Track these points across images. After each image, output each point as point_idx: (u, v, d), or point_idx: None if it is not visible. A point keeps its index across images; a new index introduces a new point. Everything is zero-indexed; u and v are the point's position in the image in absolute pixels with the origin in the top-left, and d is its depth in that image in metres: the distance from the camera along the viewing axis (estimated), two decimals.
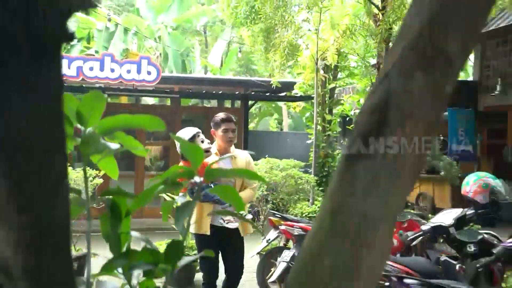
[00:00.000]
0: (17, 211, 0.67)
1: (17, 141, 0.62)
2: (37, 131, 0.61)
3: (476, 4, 0.97)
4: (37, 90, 0.55)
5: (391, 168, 0.96)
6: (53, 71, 0.56)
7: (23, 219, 0.70)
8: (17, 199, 0.67)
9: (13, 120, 0.57)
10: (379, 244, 0.95)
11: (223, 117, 3.82)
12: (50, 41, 0.51)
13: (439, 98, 0.98)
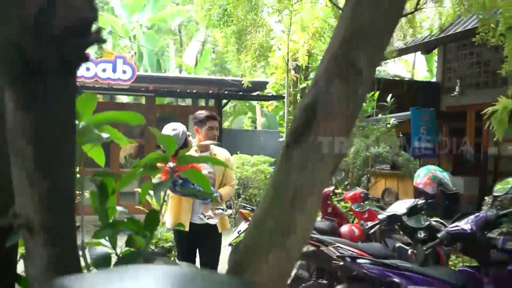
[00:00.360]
0: (42, 177, 0.94)
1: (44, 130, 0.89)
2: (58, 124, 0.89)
3: (380, 31, 1.29)
4: (62, 94, 0.82)
5: (317, 152, 1.27)
6: (72, 82, 0.84)
7: (45, 185, 0.98)
8: (42, 170, 0.94)
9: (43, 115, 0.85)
10: (308, 209, 1.25)
11: (208, 115, 3.81)
12: (73, 63, 0.78)
13: (352, 100, 1.29)
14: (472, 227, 3.57)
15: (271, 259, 1.25)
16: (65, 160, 0.99)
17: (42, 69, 0.77)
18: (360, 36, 1.27)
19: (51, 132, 0.88)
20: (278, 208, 1.26)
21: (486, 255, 3.52)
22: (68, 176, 1.03)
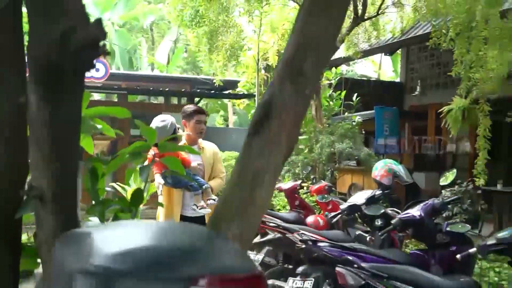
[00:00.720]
0: (55, 159, 1.20)
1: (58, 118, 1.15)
2: (69, 114, 1.15)
3: (322, 43, 1.60)
4: (74, 91, 1.09)
5: (272, 141, 1.57)
6: (82, 82, 1.11)
7: (57, 165, 1.24)
8: (55, 152, 1.20)
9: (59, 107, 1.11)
10: (265, 186, 1.55)
11: (195, 109, 3.87)
12: (84, 70, 1.05)
13: (301, 99, 1.60)
14: (421, 213, 3.96)
15: (235, 226, 1.55)
16: (73, 145, 1.26)
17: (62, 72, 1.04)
18: (306, 47, 1.58)
19: (63, 121, 1.15)
20: (241, 185, 1.56)
21: (433, 239, 3.92)
22: (74, 158, 1.30)
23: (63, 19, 0.98)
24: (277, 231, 4.13)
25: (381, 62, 17.97)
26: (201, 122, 3.81)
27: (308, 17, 1.60)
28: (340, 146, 6.56)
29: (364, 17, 7.30)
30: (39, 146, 1.20)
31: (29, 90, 1.10)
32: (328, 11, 1.61)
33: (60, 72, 1.01)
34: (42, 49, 0.99)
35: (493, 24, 4.71)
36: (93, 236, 0.92)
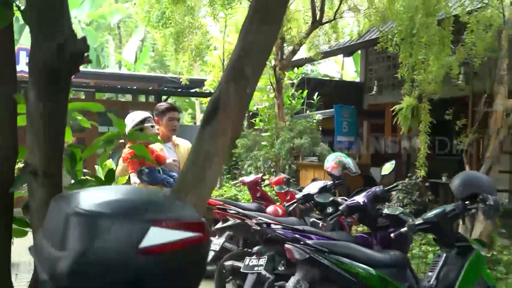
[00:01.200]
0: (48, 142, 1.55)
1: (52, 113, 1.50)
2: (59, 109, 1.51)
3: (260, 50, 2.00)
4: (64, 91, 1.45)
5: (220, 130, 1.95)
6: (69, 84, 1.47)
7: (49, 147, 1.59)
8: (48, 137, 1.55)
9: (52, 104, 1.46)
10: (214, 166, 1.94)
11: (168, 106, 3.91)
12: (72, 74, 1.42)
13: (243, 96, 1.99)
14: (364, 200, 4.44)
15: (190, 197, 1.93)
16: (60, 133, 1.62)
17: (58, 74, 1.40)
18: (247, 53, 1.98)
19: (56, 113, 1.50)
20: (195, 165, 1.94)
21: (375, 222, 4.41)
22: (61, 144, 1.66)
23: (59, 35, 1.34)
24: (236, 217, 4.53)
25: (344, 63, 18.66)
26: (174, 119, 3.87)
27: (249, 26, 2.00)
28: (299, 142, 7.03)
29: (322, 21, 7.78)
30: (35, 132, 1.55)
31: (28, 88, 1.45)
32: (266, 22, 2.01)
33: (57, 74, 1.37)
34: (42, 57, 1.35)
35: (431, 31, 5.25)
36: (81, 193, 1.28)
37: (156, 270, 1.20)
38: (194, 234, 1.30)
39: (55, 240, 1.20)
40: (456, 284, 3.23)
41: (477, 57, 5.50)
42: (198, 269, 1.36)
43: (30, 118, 1.52)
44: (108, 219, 1.18)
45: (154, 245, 1.19)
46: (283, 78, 8.66)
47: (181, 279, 1.30)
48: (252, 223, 4.11)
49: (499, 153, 5.36)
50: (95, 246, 1.15)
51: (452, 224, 3.46)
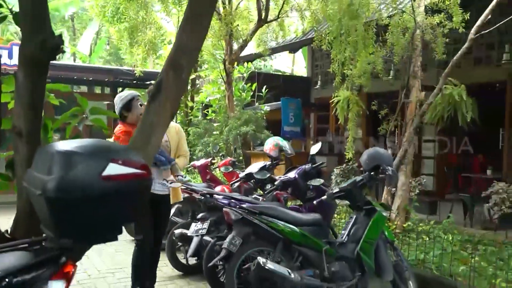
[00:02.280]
0: (30, 109, 2.12)
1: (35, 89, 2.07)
2: (40, 86, 2.08)
3: (191, 47, 2.63)
4: (45, 75, 2.03)
5: (162, 106, 2.57)
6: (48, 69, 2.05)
7: (31, 113, 2.16)
8: (31, 106, 2.12)
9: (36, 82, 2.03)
10: (158, 133, 2.56)
11: None
12: (50, 59, 2.00)
13: (179, 81, 2.61)
14: (295, 176, 5.17)
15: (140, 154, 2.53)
16: (40, 104, 2.18)
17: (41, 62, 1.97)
18: (182, 48, 2.61)
19: (38, 89, 2.07)
20: (144, 132, 2.55)
21: (304, 195, 5.15)
22: (39, 112, 2.23)
23: (42, 33, 1.92)
24: (185, 192, 5.13)
25: (294, 59, 19.52)
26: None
27: (184, 29, 2.63)
28: (245, 129, 7.70)
29: (267, 20, 8.46)
30: (22, 103, 2.12)
31: (18, 71, 2.02)
32: (195, 28, 2.65)
33: (39, 61, 1.95)
34: (30, 49, 1.92)
35: (357, 33, 6.04)
36: (61, 142, 1.88)
37: (113, 191, 1.83)
38: (140, 171, 1.94)
39: (44, 170, 1.80)
40: (362, 238, 3.99)
41: (396, 55, 6.36)
42: (143, 195, 2.02)
43: (18, 93, 2.09)
44: (81, 156, 1.80)
45: (111, 174, 1.83)
46: (233, 72, 9.29)
47: (131, 199, 1.95)
48: (198, 195, 4.74)
49: (413, 138, 6.24)
50: (71, 172, 1.76)
51: (361, 191, 4.20)
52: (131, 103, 3.77)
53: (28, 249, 1.94)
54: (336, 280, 3.82)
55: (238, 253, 3.78)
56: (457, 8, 5.70)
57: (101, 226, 1.91)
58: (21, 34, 1.94)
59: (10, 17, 2.14)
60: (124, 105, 3.77)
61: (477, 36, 5.77)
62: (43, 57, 1.94)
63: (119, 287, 4.45)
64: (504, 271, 4.17)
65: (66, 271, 1.88)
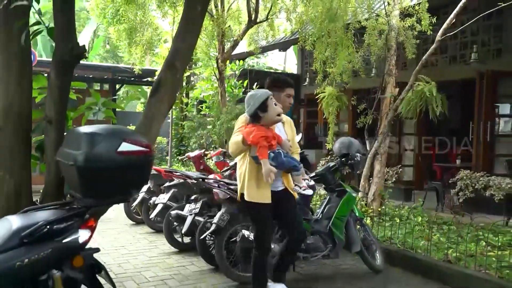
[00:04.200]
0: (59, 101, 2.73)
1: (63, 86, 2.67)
2: (67, 85, 2.68)
3: (184, 51, 3.24)
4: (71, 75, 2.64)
5: (160, 99, 3.19)
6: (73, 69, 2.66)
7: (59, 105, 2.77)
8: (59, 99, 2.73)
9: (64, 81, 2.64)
10: (157, 122, 3.18)
11: (287, 82, 3.68)
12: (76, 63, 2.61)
13: (175, 79, 3.23)
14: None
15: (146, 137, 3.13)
16: (66, 97, 2.79)
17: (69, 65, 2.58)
18: (177, 53, 3.22)
19: (65, 86, 2.67)
20: (146, 121, 3.17)
21: None
22: (65, 104, 2.83)
23: (70, 42, 2.52)
24: (180, 178, 5.73)
25: (286, 57, 20.14)
26: (291, 96, 3.69)
27: (178, 35, 3.24)
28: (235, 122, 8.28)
29: (256, 21, 9.06)
30: (53, 96, 2.73)
31: (50, 71, 2.61)
32: (189, 32, 3.26)
33: (68, 64, 2.55)
34: (60, 54, 2.52)
35: (338, 34, 6.66)
36: (85, 127, 2.49)
37: (126, 163, 2.43)
38: (145, 149, 2.54)
39: (74, 146, 2.41)
40: (334, 215, 4.60)
41: (373, 55, 6.98)
42: (147, 167, 2.63)
43: (50, 88, 2.70)
44: (101, 136, 2.41)
45: (124, 151, 2.43)
46: (225, 70, 9.88)
47: (138, 170, 2.56)
48: (192, 180, 5.34)
49: (388, 130, 6.86)
50: (95, 148, 2.36)
51: (334, 175, 4.81)
52: (267, 103, 3.24)
53: (60, 208, 2.55)
54: (311, 251, 4.44)
55: (226, 228, 4.39)
56: (425, 13, 6.32)
57: (116, 190, 2.52)
58: (54, 44, 2.55)
59: None
60: (260, 105, 3.24)
61: (444, 37, 6.39)
62: (70, 61, 2.54)
63: (121, 261, 5.04)
64: (455, 244, 4.81)
65: (90, 224, 2.50)
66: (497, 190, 6.13)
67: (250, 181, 3.36)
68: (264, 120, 3.25)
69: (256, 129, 3.21)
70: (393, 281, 4.46)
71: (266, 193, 3.34)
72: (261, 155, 3.14)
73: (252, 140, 3.14)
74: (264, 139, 3.16)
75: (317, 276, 4.68)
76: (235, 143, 3.30)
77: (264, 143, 3.15)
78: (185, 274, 4.61)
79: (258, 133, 3.17)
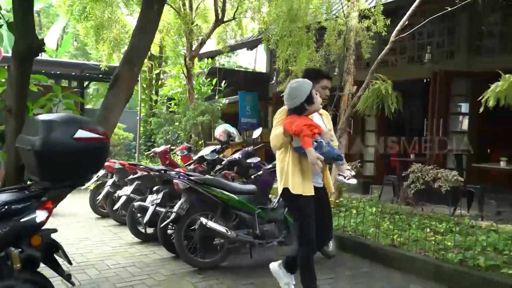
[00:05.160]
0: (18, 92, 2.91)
1: (23, 76, 2.85)
2: (26, 77, 2.86)
3: (141, 49, 3.45)
4: (30, 67, 2.82)
5: (118, 91, 3.40)
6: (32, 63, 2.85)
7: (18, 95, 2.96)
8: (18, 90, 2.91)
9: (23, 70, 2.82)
10: (115, 113, 3.39)
11: (323, 73, 3.58)
12: (34, 57, 2.79)
13: (133, 72, 3.44)
14: (239, 156, 6.03)
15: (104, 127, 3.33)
16: (25, 88, 2.97)
17: (28, 58, 2.76)
18: (134, 50, 3.43)
19: (24, 78, 2.84)
20: (103, 112, 3.37)
21: (247, 172, 6.01)
22: (25, 95, 3.01)
23: (29, 37, 2.70)
24: (144, 171, 5.91)
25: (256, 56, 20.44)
26: (327, 87, 3.54)
27: (135, 33, 3.45)
28: (201, 119, 8.52)
29: (223, 20, 9.28)
30: (12, 87, 2.90)
31: (11, 64, 2.79)
32: (146, 30, 3.47)
33: (26, 58, 2.72)
34: (19, 49, 2.70)
35: (299, 34, 6.96)
36: (44, 115, 2.67)
37: (82, 149, 2.63)
38: (101, 136, 2.74)
39: (32, 133, 2.59)
40: None
41: (333, 54, 7.32)
42: (103, 153, 2.83)
43: (10, 80, 2.87)
44: (58, 123, 2.59)
45: (81, 137, 2.63)
46: (193, 68, 10.06)
47: (94, 156, 2.76)
48: (154, 172, 5.53)
49: (346, 126, 7.21)
50: (52, 134, 2.55)
51: None
52: (312, 94, 3.15)
53: (19, 191, 2.73)
54: (266, 237, 4.71)
55: (185, 216, 4.60)
56: (380, 15, 6.68)
57: (72, 174, 2.72)
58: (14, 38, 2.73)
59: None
60: (307, 98, 3.14)
61: (400, 38, 6.77)
62: (28, 55, 2.72)
63: (85, 251, 5.19)
64: (403, 231, 5.17)
65: (47, 206, 2.69)
66: (445, 182, 6.54)
67: (294, 174, 3.25)
68: (308, 112, 3.20)
69: (297, 119, 3.12)
70: (342, 265, 4.77)
71: (310, 185, 3.27)
72: (305, 144, 3.02)
73: (295, 129, 3.04)
74: (307, 128, 3.06)
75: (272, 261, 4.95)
76: (276, 136, 3.23)
77: (307, 132, 3.03)
78: (146, 262, 4.81)
79: (301, 122, 3.07)
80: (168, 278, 4.26)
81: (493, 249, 4.49)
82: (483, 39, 8.66)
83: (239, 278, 4.27)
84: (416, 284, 4.16)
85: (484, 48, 8.62)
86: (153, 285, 4.05)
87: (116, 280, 4.16)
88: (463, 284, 4.00)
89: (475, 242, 4.53)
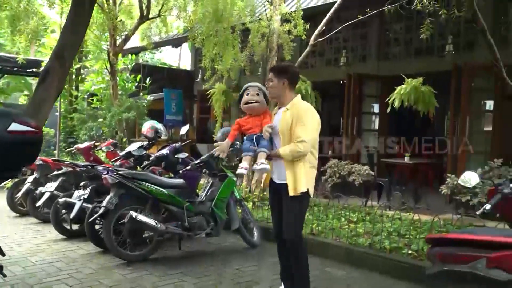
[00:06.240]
0: None
1: None
2: None
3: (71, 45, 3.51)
4: None
5: (49, 86, 3.43)
6: None
7: None
8: None
9: None
10: (46, 107, 3.43)
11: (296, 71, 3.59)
12: None
13: (63, 69, 3.50)
14: (167, 152, 6.15)
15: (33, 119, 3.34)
16: None
17: None
18: (65, 44, 3.49)
19: None
20: (33, 105, 3.38)
21: (175, 167, 6.14)
22: None
23: None
24: (69, 166, 5.82)
25: (181, 53, 20.40)
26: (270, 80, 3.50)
27: (66, 28, 3.50)
28: (126, 115, 8.46)
29: (148, 17, 9.27)
30: None
31: None
32: (77, 25, 3.53)
33: None
34: None
35: (224, 34, 7.21)
36: None
37: (16, 141, 2.69)
38: (34, 129, 2.81)
39: None
40: (216, 197, 5.11)
41: (257, 55, 7.67)
42: (36, 145, 2.89)
43: None
44: None
45: (15, 130, 2.69)
46: (117, 63, 9.91)
47: (28, 148, 2.82)
48: (81, 168, 5.49)
49: None
50: None
51: (217, 161, 5.32)
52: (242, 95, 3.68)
53: None
54: (194, 229, 4.91)
55: (114, 210, 4.67)
56: (300, 20, 7.15)
57: (5, 166, 2.75)
58: None
59: None
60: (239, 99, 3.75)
61: (318, 41, 7.29)
62: None
63: (5, 249, 5.02)
64: (321, 221, 5.64)
65: None
66: (358, 176, 7.18)
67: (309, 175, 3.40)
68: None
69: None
70: (265, 253, 5.11)
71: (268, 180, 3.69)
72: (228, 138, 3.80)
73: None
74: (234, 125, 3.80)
75: (200, 253, 5.17)
76: None
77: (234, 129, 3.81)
78: (73, 257, 4.79)
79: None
80: (97, 271, 4.31)
81: (397, 234, 5.09)
82: (390, 45, 9.53)
83: (168, 269, 4.43)
84: (332, 267, 4.62)
85: (391, 53, 9.50)
86: (82, 278, 4.08)
87: (43, 275, 4.14)
88: (371, 264, 4.53)
89: (382, 229, 5.10)
